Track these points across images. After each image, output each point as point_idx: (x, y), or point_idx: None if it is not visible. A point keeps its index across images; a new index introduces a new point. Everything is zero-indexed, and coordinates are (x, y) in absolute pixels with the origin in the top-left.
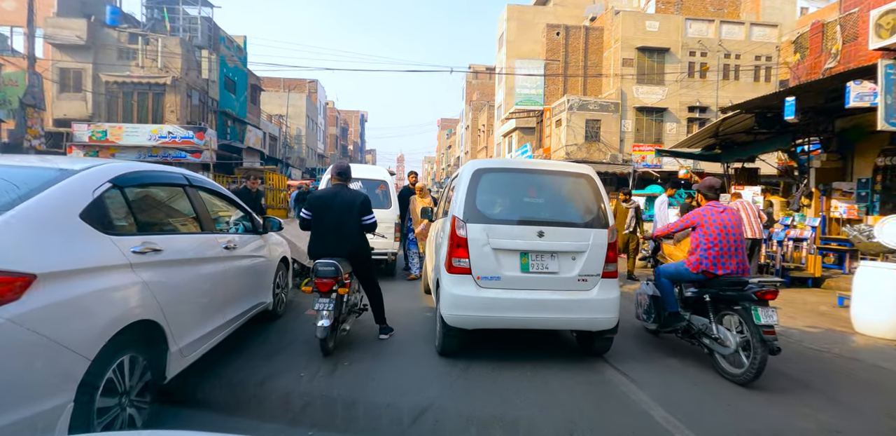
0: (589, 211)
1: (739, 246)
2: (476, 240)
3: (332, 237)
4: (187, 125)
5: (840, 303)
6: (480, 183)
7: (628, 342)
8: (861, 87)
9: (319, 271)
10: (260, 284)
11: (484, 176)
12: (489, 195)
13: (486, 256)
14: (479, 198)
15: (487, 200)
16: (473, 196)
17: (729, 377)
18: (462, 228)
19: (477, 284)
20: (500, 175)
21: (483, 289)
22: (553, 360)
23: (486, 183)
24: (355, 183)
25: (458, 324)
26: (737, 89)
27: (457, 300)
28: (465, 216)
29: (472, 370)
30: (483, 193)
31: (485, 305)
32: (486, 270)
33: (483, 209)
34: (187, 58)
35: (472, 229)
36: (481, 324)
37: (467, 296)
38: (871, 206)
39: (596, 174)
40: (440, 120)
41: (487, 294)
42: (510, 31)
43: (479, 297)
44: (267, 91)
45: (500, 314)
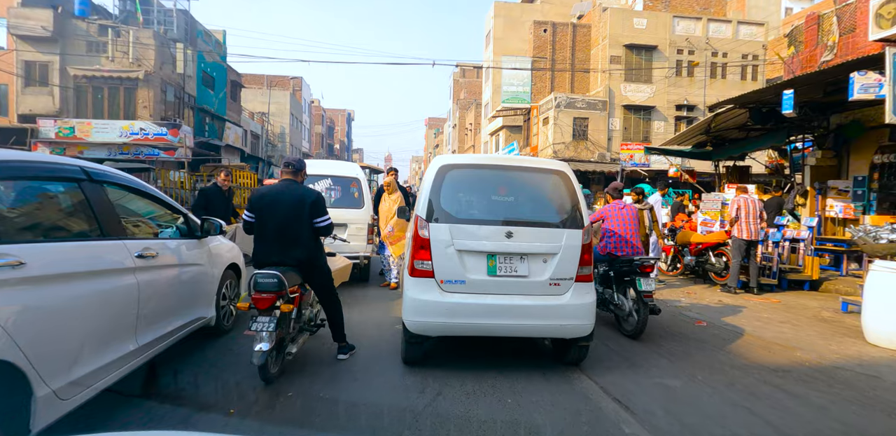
0: (562, 210)
1: (634, 234)
2: (439, 241)
3: (279, 243)
4: (161, 121)
5: (844, 308)
6: (446, 180)
7: (614, 350)
8: (865, 78)
9: (259, 284)
10: (197, 297)
11: (450, 173)
12: (455, 193)
13: (450, 258)
14: (443, 196)
15: (453, 199)
16: (438, 194)
17: (625, 333)
18: (424, 229)
19: (440, 289)
20: (467, 172)
21: (447, 293)
22: (533, 377)
23: (453, 180)
24: (324, 180)
25: (420, 331)
26: (724, 88)
27: (418, 306)
28: (428, 215)
29: (442, 398)
30: (448, 191)
31: (448, 310)
32: (450, 274)
33: (448, 208)
34: (161, 51)
35: (435, 230)
36: (445, 331)
37: (429, 301)
38: (867, 205)
39: (571, 171)
40: (427, 119)
41: (451, 299)
42: (497, 28)
43: (443, 302)
44: (250, 88)
45: (465, 321)
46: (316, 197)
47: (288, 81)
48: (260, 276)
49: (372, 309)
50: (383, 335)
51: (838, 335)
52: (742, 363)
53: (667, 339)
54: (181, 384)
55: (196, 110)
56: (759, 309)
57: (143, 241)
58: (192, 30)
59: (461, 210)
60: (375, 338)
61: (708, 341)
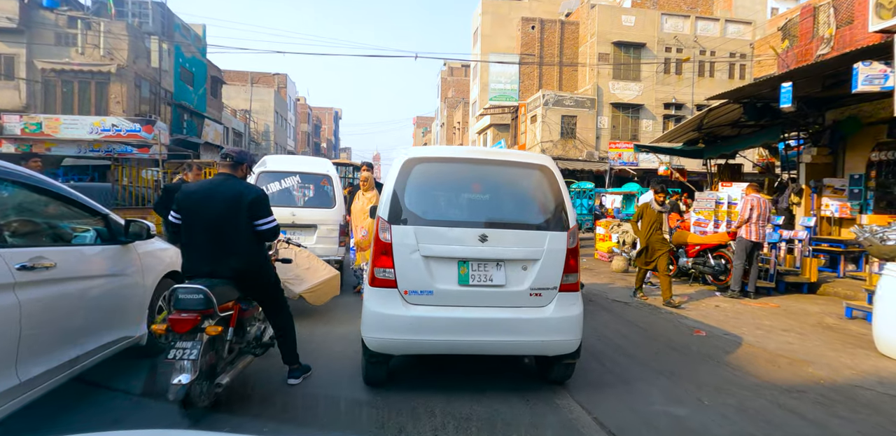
0: (545, 210)
1: None
2: (403, 245)
3: (211, 250)
4: (135, 118)
5: (848, 314)
6: (412, 175)
7: (607, 367)
8: (870, 68)
9: (179, 301)
10: (120, 313)
11: (417, 167)
12: (422, 190)
13: (416, 265)
14: (408, 194)
15: (419, 197)
16: (402, 191)
17: None
18: (386, 231)
19: (404, 300)
20: (436, 166)
21: (411, 306)
22: (515, 403)
23: (420, 175)
24: (292, 177)
25: (381, 349)
26: (712, 86)
27: (379, 320)
28: (391, 216)
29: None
30: (414, 188)
31: (413, 326)
32: (416, 283)
33: (413, 208)
34: (135, 45)
35: (398, 232)
36: (409, 349)
37: (391, 315)
38: (864, 204)
39: (555, 165)
40: (416, 118)
41: (416, 312)
42: (485, 25)
43: (407, 316)
44: (233, 85)
45: (433, 338)
46: (257, 195)
47: (272, 78)
48: (181, 291)
49: (339, 320)
50: (347, 351)
51: (848, 345)
52: (750, 382)
53: (665, 352)
54: (91, 421)
55: (174, 107)
56: (758, 315)
57: (31, 249)
58: (170, 23)
59: (428, 210)
60: (338, 355)
61: (709, 354)
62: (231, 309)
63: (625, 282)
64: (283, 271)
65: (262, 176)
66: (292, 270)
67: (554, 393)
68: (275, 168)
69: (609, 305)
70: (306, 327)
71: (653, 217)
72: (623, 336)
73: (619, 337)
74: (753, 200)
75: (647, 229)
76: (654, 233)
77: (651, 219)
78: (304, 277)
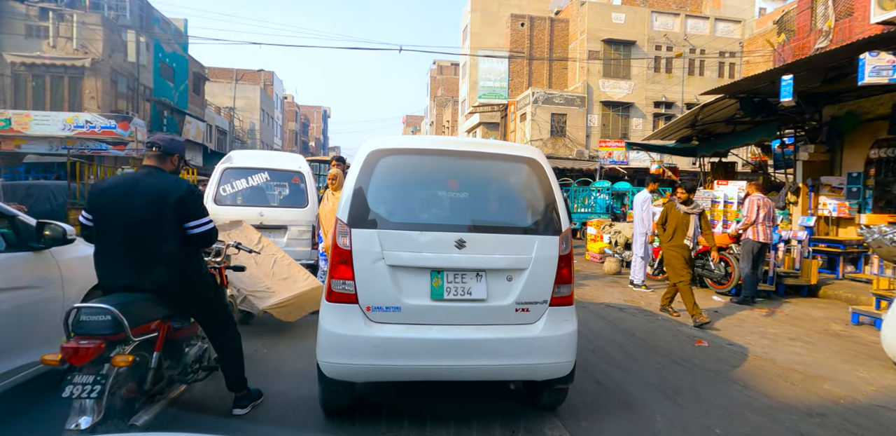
0: (534, 210)
1: None
2: (365, 253)
3: (129, 259)
4: (110, 114)
5: (854, 320)
6: (377, 170)
7: (605, 386)
8: (878, 59)
9: (80, 324)
10: (32, 333)
11: (383, 160)
12: (389, 188)
13: (380, 276)
14: (373, 192)
15: (385, 196)
16: (365, 189)
17: None
18: (346, 236)
19: (366, 318)
20: (406, 159)
21: (375, 325)
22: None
23: (386, 170)
24: (260, 174)
25: (339, 376)
26: (702, 85)
27: (336, 342)
28: (351, 219)
29: None
30: (380, 185)
31: (377, 349)
32: (380, 298)
33: (377, 208)
34: (111, 38)
35: (359, 238)
36: (373, 376)
37: (351, 336)
38: (863, 203)
39: (545, 158)
40: (405, 117)
41: (381, 333)
42: (474, 23)
43: (370, 337)
44: (217, 82)
45: (400, 362)
46: (186, 191)
47: (258, 76)
48: (84, 312)
49: (308, 333)
50: (312, 371)
51: (861, 357)
52: (763, 404)
53: (667, 367)
54: None
55: (153, 103)
56: (761, 322)
57: None
58: (148, 16)
59: (396, 211)
60: (299, 375)
61: (715, 368)
62: (155, 330)
63: (619, 285)
64: (253, 282)
65: (226, 173)
66: (264, 280)
67: (544, 421)
68: (241, 164)
69: (603, 311)
70: (265, 342)
71: (680, 220)
72: (620, 348)
73: (615, 349)
74: (759, 200)
75: (671, 233)
76: (677, 237)
77: (677, 222)
78: (276, 289)
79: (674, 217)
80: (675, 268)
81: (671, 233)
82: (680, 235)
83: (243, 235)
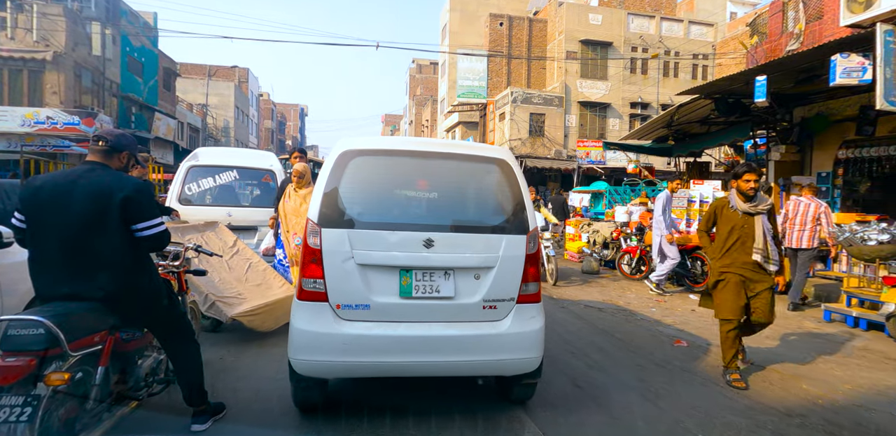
0: (502, 210)
1: None
2: (334, 252)
3: (68, 265)
4: (73, 109)
5: (826, 317)
6: (348, 171)
7: (581, 387)
8: (848, 60)
9: (7, 338)
10: None
11: (354, 161)
12: (358, 188)
13: (350, 274)
14: (343, 192)
15: (355, 196)
16: (335, 189)
17: None
18: (316, 235)
19: (336, 316)
20: (376, 160)
21: (345, 322)
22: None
23: (356, 171)
24: (228, 172)
25: (310, 372)
26: (676, 86)
27: (307, 339)
28: (321, 219)
29: None
30: (350, 186)
31: (347, 346)
32: (350, 296)
33: (347, 208)
34: (75, 30)
35: (329, 237)
36: (344, 372)
37: (321, 333)
38: (831, 202)
39: (514, 159)
40: (384, 116)
41: (351, 330)
42: (453, 22)
43: (339, 334)
44: (189, 78)
45: (371, 359)
46: (133, 190)
47: (232, 72)
48: (13, 325)
49: (278, 340)
50: (281, 379)
51: (836, 355)
52: (745, 405)
53: (645, 368)
54: None
55: (120, 99)
56: None
57: None
58: (115, 8)
59: (366, 211)
60: (266, 384)
61: (694, 369)
62: (100, 343)
63: (598, 285)
64: (223, 288)
65: (192, 171)
66: (235, 286)
67: (523, 427)
68: (208, 162)
69: (582, 311)
70: (231, 350)
71: (734, 223)
72: (599, 349)
73: (594, 350)
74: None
75: (724, 245)
76: (735, 250)
77: (731, 226)
78: (248, 295)
79: (728, 220)
80: (724, 301)
81: (724, 244)
82: (741, 249)
83: (217, 237)
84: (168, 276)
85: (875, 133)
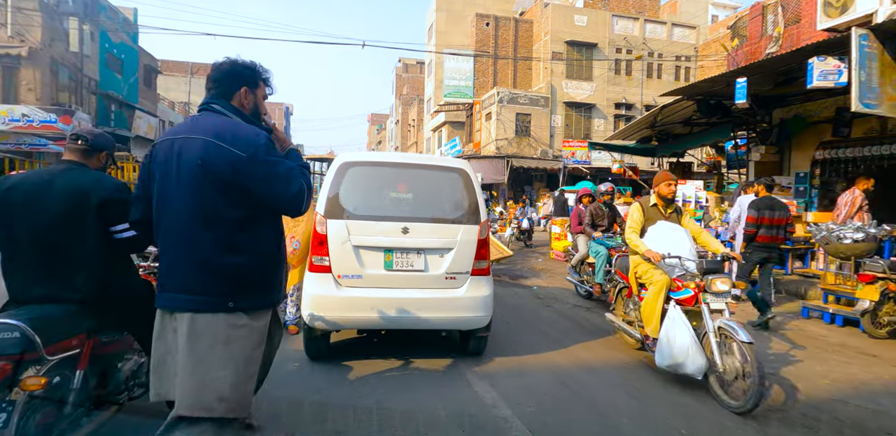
0: (460, 207)
1: None
2: (336, 237)
3: (43, 266)
4: (50, 107)
5: (804, 314)
6: (346, 177)
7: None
8: (825, 63)
9: None
10: None
11: (351, 169)
12: (354, 190)
13: (347, 253)
14: (343, 192)
15: (352, 195)
16: (337, 190)
17: None
18: (322, 225)
19: (337, 283)
20: (367, 169)
21: (344, 288)
22: None
23: (353, 177)
24: None
25: (319, 325)
26: (660, 87)
27: (316, 300)
28: (327, 212)
29: None
30: (348, 188)
31: (346, 304)
32: (348, 269)
33: (346, 204)
34: (51, 25)
35: (332, 226)
36: (343, 324)
37: (327, 295)
38: (809, 201)
39: (472, 169)
40: (370, 115)
41: (348, 293)
42: (439, 22)
43: (340, 296)
44: (172, 76)
45: (363, 314)
46: (113, 190)
47: None
48: None
49: None
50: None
51: (814, 350)
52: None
53: (632, 369)
54: None
55: (99, 96)
56: None
57: None
58: (94, 4)
59: (359, 207)
60: None
61: None
62: (78, 346)
63: None
64: None
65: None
66: None
67: (510, 429)
68: None
69: (570, 311)
70: None
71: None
72: (586, 348)
73: (581, 349)
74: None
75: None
76: None
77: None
78: None
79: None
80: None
81: None
82: None
83: None
84: (149, 277)
85: (850, 134)
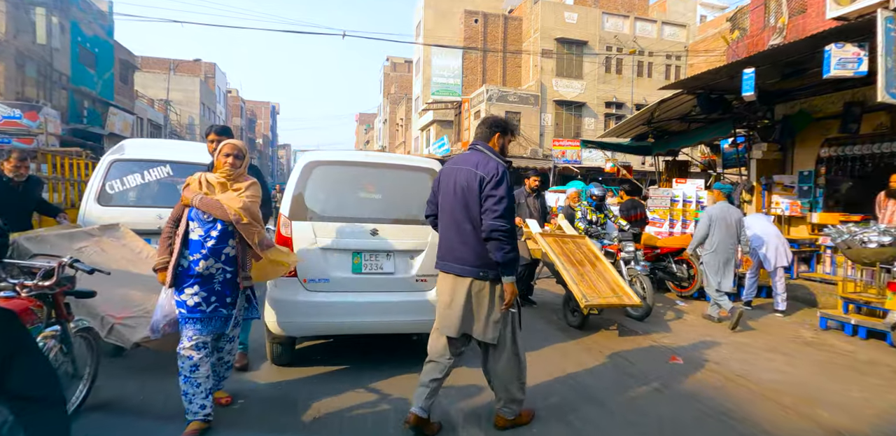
0: None
1: None
2: (302, 239)
3: None
4: (15, 102)
5: (822, 325)
6: (312, 177)
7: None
8: (843, 51)
9: None
10: None
11: (317, 169)
12: (320, 190)
13: (314, 256)
14: (308, 193)
15: (318, 196)
16: (302, 191)
17: None
18: (287, 227)
19: (304, 288)
20: (334, 168)
21: (310, 292)
22: None
23: (319, 177)
24: (160, 168)
25: (283, 332)
26: (650, 86)
27: (280, 306)
28: (291, 213)
29: None
30: (313, 188)
31: (312, 309)
32: (314, 272)
33: (311, 206)
34: (16, 16)
35: (297, 228)
36: (310, 330)
37: (292, 300)
38: (814, 201)
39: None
40: (358, 114)
41: (315, 298)
42: (427, 19)
43: (306, 301)
44: (151, 72)
45: (330, 320)
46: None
47: (198, 67)
48: None
49: None
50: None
51: (845, 369)
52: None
53: (644, 396)
54: None
55: (70, 92)
56: (730, 332)
57: None
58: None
59: (326, 208)
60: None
61: (697, 393)
62: None
63: None
64: (125, 306)
65: (115, 166)
66: (141, 303)
67: None
68: (136, 156)
69: (565, 324)
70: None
71: None
72: (589, 371)
73: (584, 373)
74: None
75: None
76: None
77: None
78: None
79: None
80: None
81: None
82: None
83: (118, 244)
84: (29, 301)
85: (859, 131)
